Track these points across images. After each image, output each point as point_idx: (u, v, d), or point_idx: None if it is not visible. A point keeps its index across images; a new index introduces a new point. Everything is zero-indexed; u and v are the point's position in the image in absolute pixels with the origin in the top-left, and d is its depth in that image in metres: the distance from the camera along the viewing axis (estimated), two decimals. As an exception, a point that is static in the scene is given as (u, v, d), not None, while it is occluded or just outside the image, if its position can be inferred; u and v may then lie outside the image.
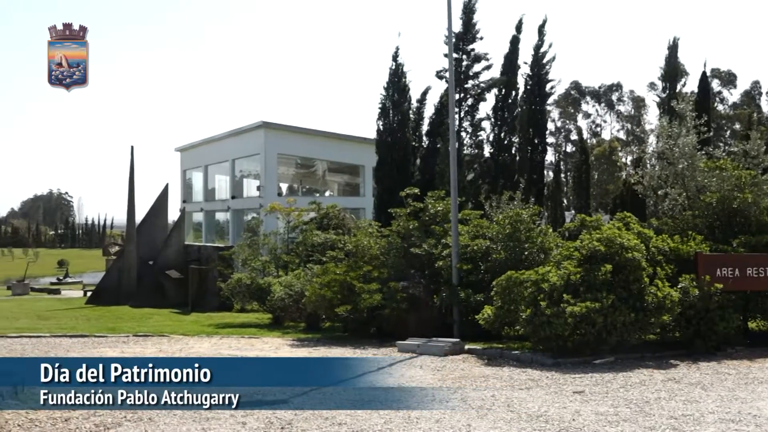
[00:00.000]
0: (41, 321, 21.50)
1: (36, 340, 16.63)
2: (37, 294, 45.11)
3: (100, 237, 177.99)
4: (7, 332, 17.62)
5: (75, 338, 17.06)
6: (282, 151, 49.98)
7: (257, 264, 25.66)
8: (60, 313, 24.55)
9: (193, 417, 8.77)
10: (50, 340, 16.76)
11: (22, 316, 23.68)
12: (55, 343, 16.14)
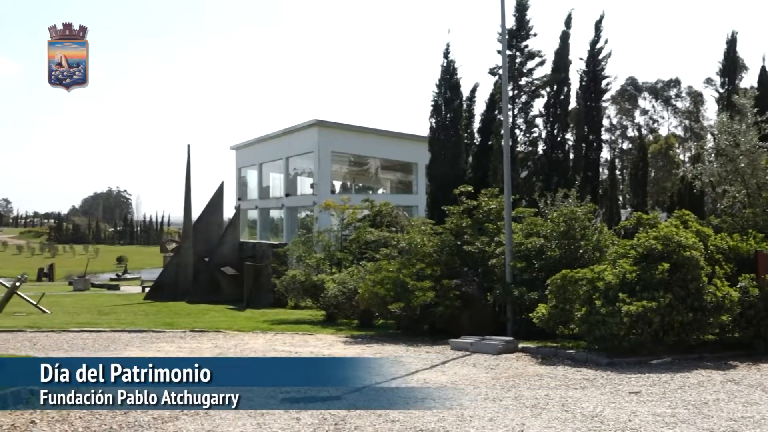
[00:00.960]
0: (101, 316, 21.94)
1: (96, 335, 16.99)
2: (97, 289, 46.11)
3: (157, 234, 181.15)
4: (69, 327, 18.04)
5: (134, 333, 17.38)
6: (335, 149, 50.23)
7: (311, 261, 25.83)
8: (119, 309, 25.02)
9: (248, 412, 8.88)
10: (110, 334, 17.11)
11: (83, 311, 24.21)
12: (114, 338, 16.47)
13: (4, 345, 14.82)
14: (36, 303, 23.90)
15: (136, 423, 8.25)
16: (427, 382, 11.23)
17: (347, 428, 8.15)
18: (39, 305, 23.70)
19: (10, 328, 17.50)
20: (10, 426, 8.00)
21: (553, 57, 28.44)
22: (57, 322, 19.17)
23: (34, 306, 23.69)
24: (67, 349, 14.53)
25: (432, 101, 29.54)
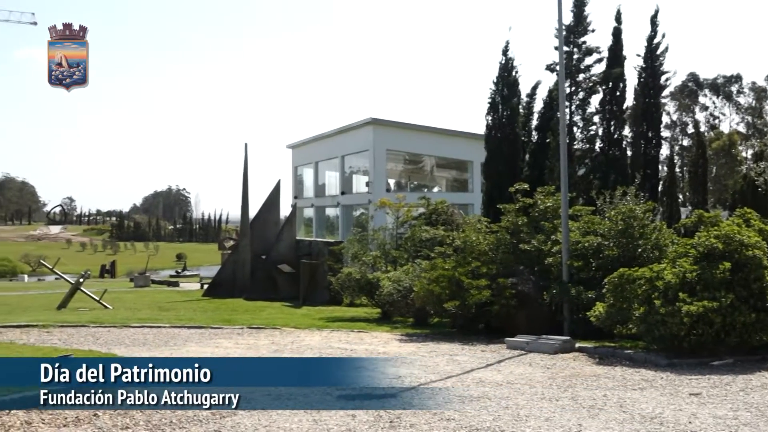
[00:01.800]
0: (161, 312, 22.35)
1: (157, 330, 17.31)
2: (157, 286, 47.03)
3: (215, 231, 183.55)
4: (130, 322, 18.43)
5: (193, 329, 17.66)
6: (390, 147, 50.31)
7: (367, 259, 25.93)
8: (179, 305, 25.44)
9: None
10: (170, 330, 17.42)
11: (144, 307, 24.69)
12: (174, 334, 16.77)
13: (69, 340, 15.20)
14: (98, 299, 24.45)
15: (195, 417, 8.39)
16: (482, 380, 11.20)
17: (402, 426, 8.17)
18: (101, 301, 24.25)
19: (74, 323, 17.94)
20: (74, 418, 8.21)
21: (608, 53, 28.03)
22: (118, 318, 19.59)
23: (97, 302, 24.24)
24: (129, 344, 14.83)
25: (489, 99, 29.37)
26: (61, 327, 17.37)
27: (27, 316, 19.77)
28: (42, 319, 18.85)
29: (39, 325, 17.50)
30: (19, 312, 21.75)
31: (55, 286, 40.53)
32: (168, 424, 8.10)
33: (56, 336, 15.83)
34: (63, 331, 16.69)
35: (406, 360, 13.26)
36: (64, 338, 15.45)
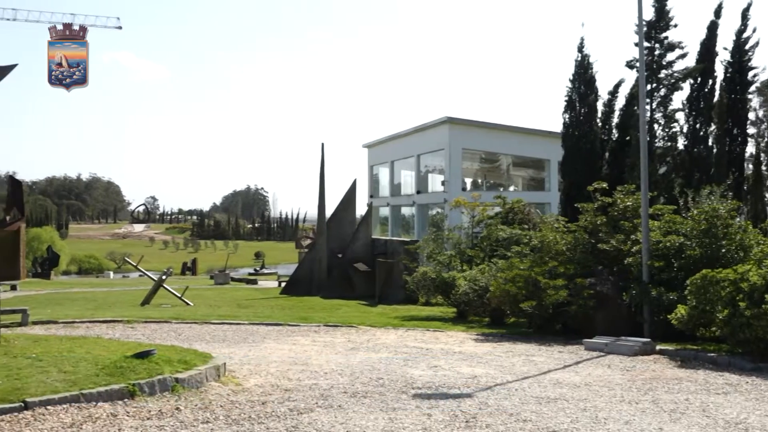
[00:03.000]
0: (240, 309, 22.75)
1: (236, 327, 17.65)
2: (236, 283, 47.87)
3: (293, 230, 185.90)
4: (210, 319, 18.83)
5: (270, 326, 17.94)
6: (466, 146, 50.11)
7: (442, 258, 25.89)
8: (257, 302, 25.86)
9: (380, 407, 9.01)
10: (248, 327, 17.73)
11: (224, 304, 25.18)
12: (252, 330, 17.06)
13: (152, 335, 15.63)
14: (180, 295, 25.05)
15: (273, 413, 8.52)
16: (559, 382, 11.06)
17: (478, 426, 8.14)
18: (183, 298, 24.83)
19: (157, 319, 18.43)
20: (157, 411, 8.44)
21: (697, 48, 27.25)
22: (199, 314, 20.04)
23: (179, 298, 24.84)
24: (209, 340, 15.15)
25: (565, 97, 28.94)
26: (145, 323, 17.87)
27: (113, 312, 20.40)
28: (127, 314, 19.42)
29: (124, 320, 18.04)
30: (105, 308, 22.45)
31: (138, 283, 41.69)
32: (247, 419, 8.25)
33: (140, 331, 16.30)
34: (146, 327, 17.17)
35: (482, 360, 13.20)
36: (147, 333, 15.90)
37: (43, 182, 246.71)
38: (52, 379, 9.06)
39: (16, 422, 7.78)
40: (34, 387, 8.69)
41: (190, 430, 7.78)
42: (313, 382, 10.53)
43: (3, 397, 8.27)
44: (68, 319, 18.18)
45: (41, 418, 7.94)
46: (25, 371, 9.40)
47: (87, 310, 21.04)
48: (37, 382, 8.91)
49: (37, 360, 10.03)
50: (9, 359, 10.00)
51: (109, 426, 7.78)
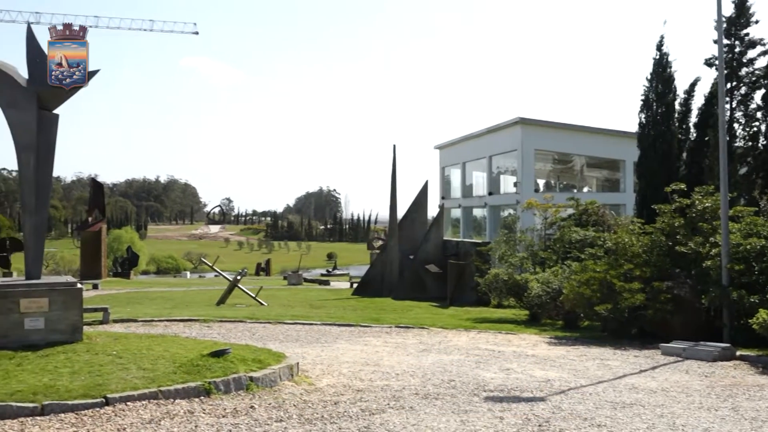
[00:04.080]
0: (313, 309, 22.96)
1: (309, 327, 17.83)
2: (309, 284, 48.35)
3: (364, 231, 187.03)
4: (283, 319, 19.07)
5: (342, 327, 18.06)
6: (539, 147, 49.63)
7: (514, 260, 25.68)
8: (329, 303, 26.06)
9: (452, 409, 9.00)
10: (321, 327, 17.89)
11: (297, 304, 25.46)
12: (324, 331, 17.21)
13: (227, 334, 15.91)
14: (254, 296, 25.42)
15: (345, 413, 8.60)
16: (635, 387, 10.85)
17: (551, 430, 8.05)
18: (257, 298, 25.19)
19: (232, 319, 18.75)
20: (232, 409, 8.60)
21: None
22: (273, 314, 20.30)
23: (253, 298, 25.21)
24: (282, 339, 15.34)
25: (642, 96, 28.37)
26: (220, 322, 18.19)
27: (189, 311, 20.84)
28: (203, 314, 19.81)
29: (200, 319, 18.41)
30: (182, 307, 22.95)
31: (214, 283, 42.48)
32: (319, 418, 8.34)
33: (216, 330, 16.62)
34: (222, 326, 17.49)
35: (555, 363, 13.04)
36: (222, 332, 16.20)
37: (123, 184, 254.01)
38: (131, 376, 9.33)
39: (97, 417, 8.04)
40: (115, 383, 8.97)
41: (264, 428, 7.90)
42: (385, 383, 10.57)
43: (85, 393, 8.57)
44: (147, 317, 18.66)
45: (121, 413, 8.18)
46: (107, 368, 9.70)
47: (165, 309, 21.55)
48: (118, 378, 9.19)
49: (118, 357, 10.34)
50: (91, 356, 10.33)
51: (186, 423, 7.96)
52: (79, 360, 10.08)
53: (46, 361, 9.98)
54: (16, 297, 11.02)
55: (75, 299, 11.39)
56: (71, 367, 9.67)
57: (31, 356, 10.23)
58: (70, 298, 11.35)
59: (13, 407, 8.08)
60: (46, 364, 9.81)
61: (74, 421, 7.91)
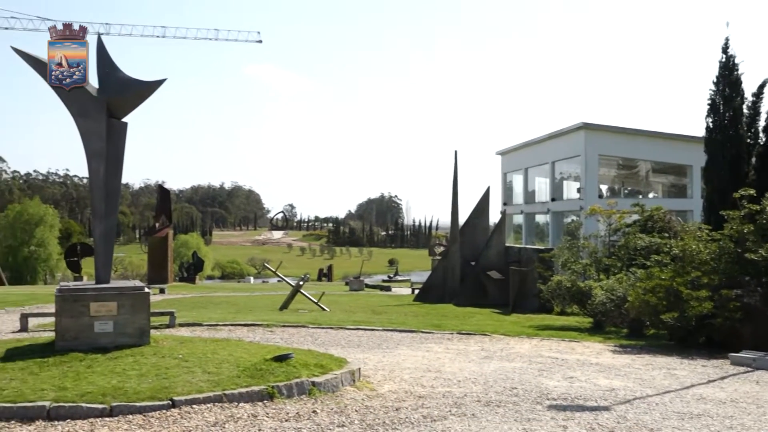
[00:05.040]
0: (374, 315, 23.03)
1: (370, 333, 17.88)
2: (370, 290, 48.53)
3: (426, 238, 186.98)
4: (345, 324, 19.16)
5: (404, 333, 18.07)
6: (603, 152, 48.95)
7: (577, 267, 25.35)
8: (391, 309, 26.11)
9: (515, 417, 8.93)
10: (382, 333, 17.92)
11: (358, 309, 25.57)
12: (386, 337, 17.24)
13: (290, 339, 16.07)
14: (317, 301, 25.63)
15: (406, 420, 8.60)
16: (703, 397, 10.60)
17: (616, 440, 7.92)
18: (319, 303, 25.39)
19: (295, 324, 18.93)
20: (295, 413, 8.68)
21: None
22: (335, 320, 20.43)
23: (315, 304, 25.42)
24: (344, 345, 15.43)
25: (708, 100, 27.69)
26: (283, 327, 18.38)
27: (253, 316, 21.11)
28: (266, 318, 20.05)
29: (263, 324, 18.63)
30: (245, 312, 23.25)
31: (277, 288, 42.95)
32: (381, 424, 8.36)
33: (278, 335, 16.79)
34: (284, 331, 17.66)
35: (620, 372, 12.83)
36: (285, 337, 16.36)
37: (189, 191, 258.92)
38: (197, 379, 9.49)
39: (164, 419, 8.20)
40: (181, 386, 9.14)
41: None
42: (447, 390, 10.55)
43: (153, 395, 8.75)
44: (212, 321, 18.96)
45: (187, 416, 8.34)
46: (173, 371, 9.89)
47: (229, 314, 21.87)
48: (184, 381, 9.36)
49: (184, 360, 10.53)
50: (158, 359, 10.55)
51: (249, 426, 8.07)
52: (147, 363, 10.31)
53: (114, 363, 10.23)
54: (87, 301, 11.32)
55: (143, 303, 11.65)
56: (139, 370, 9.89)
57: (100, 358, 10.50)
58: (138, 302, 11.61)
59: (84, 408, 8.31)
60: (114, 366, 10.06)
61: (142, 422, 8.09)
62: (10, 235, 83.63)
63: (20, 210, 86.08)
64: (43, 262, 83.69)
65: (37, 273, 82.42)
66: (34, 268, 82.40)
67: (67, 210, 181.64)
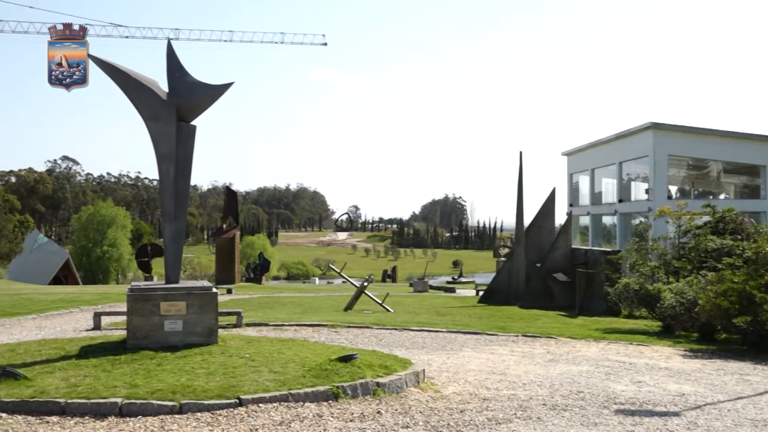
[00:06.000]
0: (438, 317, 22.98)
1: (434, 334, 17.85)
2: (434, 291, 48.42)
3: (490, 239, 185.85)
4: (409, 325, 19.16)
5: (468, 335, 17.99)
6: (672, 152, 47.89)
7: (646, 269, 24.88)
8: (455, 310, 26.02)
9: (581, 421, 8.81)
10: (446, 335, 17.87)
11: (423, 311, 25.55)
12: (450, 338, 17.18)
13: (354, 340, 16.15)
14: (381, 302, 25.70)
15: (471, 422, 8.57)
16: (777, 404, 10.29)
17: (686, 446, 7.76)
18: (384, 304, 25.46)
19: (359, 324, 19.01)
20: (360, 414, 8.73)
21: None
22: (399, 321, 20.45)
23: (380, 305, 25.49)
24: (408, 346, 15.44)
25: (784, 97, 26.92)
26: (348, 327, 18.48)
27: (318, 316, 21.28)
28: (331, 319, 20.19)
29: (328, 324, 18.76)
30: (311, 312, 23.45)
31: (342, 289, 43.19)
32: (445, 426, 8.34)
33: (343, 336, 16.90)
34: (349, 332, 17.76)
35: (690, 377, 12.55)
36: (350, 338, 16.45)
37: (255, 192, 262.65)
38: (263, 379, 9.63)
39: (231, 417, 8.34)
40: (248, 385, 9.28)
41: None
42: (512, 393, 10.47)
43: (220, 393, 8.91)
44: (278, 321, 19.18)
45: (254, 414, 8.46)
46: (240, 370, 10.05)
47: (295, 314, 22.09)
48: (250, 380, 9.51)
49: (250, 360, 10.69)
50: (225, 358, 10.73)
51: (315, 426, 8.15)
52: (215, 362, 10.49)
53: (183, 361, 10.44)
54: (157, 300, 11.58)
55: (211, 303, 11.86)
56: (207, 368, 10.07)
57: (170, 357, 10.73)
58: (207, 302, 11.82)
59: (154, 405, 8.51)
60: (183, 364, 10.27)
61: (210, 420, 8.24)
62: (83, 236, 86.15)
63: (93, 211, 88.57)
64: (115, 262, 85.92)
65: (110, 273, 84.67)
66: (107, 268, 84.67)
67: (138, 211, 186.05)
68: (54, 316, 21.47)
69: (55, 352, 11.39)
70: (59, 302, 25.02)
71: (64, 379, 9.47)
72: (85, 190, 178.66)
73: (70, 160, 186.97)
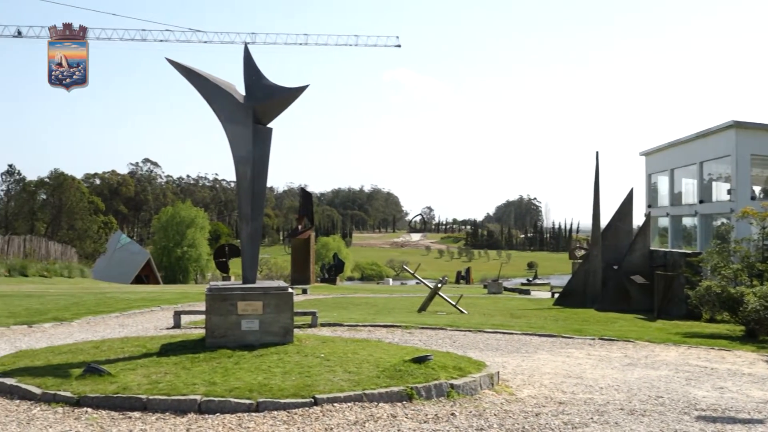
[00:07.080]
0: (513, 319, 22.78)
1: (509, 336, 17.70)
2: (508, 293, 48.04)
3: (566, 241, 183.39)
4: (483, 327, 19.06)
5: (543, 337, 17.78)
6: (756, 152, 46.46)
7: (728, 272, 24.18)
8: (530, 313, 25.76)
9: (660, 426, 8.62)
10: (521, 337, 17.71)
11: (497, 313, 25.37)
12: (525, 341, 17.02)
13: (428, 341, 16.15)
14: (455, 303, 25.62)
15: (547, 426, 8.48)
16: None
17: (770, 455, 7.52)
18: (458, 306, 25.37)
19: (433, 326, 19.00)
20: (433, 415, 8.73)
21: None
22: (473, 322, 20.36)
23: (453, 306, 25.42)
24: (482, 348, 15.36)
25: None
26: (421, 329, 18.49)
27: (392, 317, 21.35)
28: (404, 320, 20.23)
29: (402, 325, 18.81)
30: (385, 313, 23.54)
31: (415, 290, 43.23)
32: (520, 429, 8.28)
33: (417, 337, 16.91)
34: (423, 333, 17.77)
35: (775, 384, 12.14)
36: (423, 339, 16.46)
37: (330, 194, 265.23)
38: (338, 378, 9.72)
39: (306, 416, 8.46)
40: (323, 384, 9.39)
41: (465, 435, 7.96)
42: (588, 397, 10.32)
43: (296, 392, 9.04)
44: (352, 322, 19.32)
45: (328, 414, 8.56)
46: (315, 369, 10.17)
47: (369, 315, 22.21)
48: (325, 380, 9.61)
49: (325, 360, 10.80)
50: (301, 358, 10.88)
51: (389, 426, 8.19)
52: (290, 361, 10.64)
53: (260, 360, 10.62)
54: (234, 299, 11.81)
55: (287, 303, 12.03)
56: (283, 368, 10.22)
57: (247, 355, 10.93)
58: (282, 301, 11.99)
59: (232, 403, 8.69)
60: (260, 363, 10.44)
61: (285, 418, 8.37)
62: (163, 237, 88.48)
63: (173, 213, 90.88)
64: (194, 262, 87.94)
65: (189, 273, 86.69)
66: (186, 268, 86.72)
67: (216, 212, 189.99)
68: (136, 314, 22.11)
69: (137, 349, 11.74)
70: (141, 301, 25.76)
71: (146, 375, 9.76)
72: (165, 192, 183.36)
73: (151, 162, 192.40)
